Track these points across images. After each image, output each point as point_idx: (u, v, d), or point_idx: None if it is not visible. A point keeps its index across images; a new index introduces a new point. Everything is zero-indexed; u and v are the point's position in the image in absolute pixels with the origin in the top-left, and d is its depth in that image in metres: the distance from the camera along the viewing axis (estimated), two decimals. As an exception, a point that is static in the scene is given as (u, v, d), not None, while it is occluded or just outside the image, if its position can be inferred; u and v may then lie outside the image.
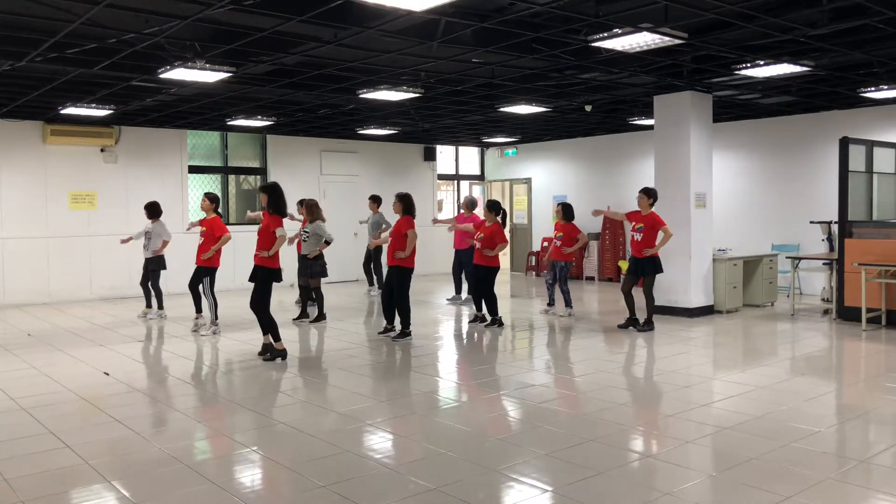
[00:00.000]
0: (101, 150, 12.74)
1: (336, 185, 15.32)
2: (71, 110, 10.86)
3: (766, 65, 8.18)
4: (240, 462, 4.59)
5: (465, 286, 11.55)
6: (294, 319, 9.96)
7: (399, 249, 8.39)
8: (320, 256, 9.82)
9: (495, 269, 9.39)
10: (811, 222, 11.67)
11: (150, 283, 10.33)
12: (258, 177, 14.79)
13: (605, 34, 6.73)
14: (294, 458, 4.60)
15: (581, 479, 4.11)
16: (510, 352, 8.41)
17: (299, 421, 5.41)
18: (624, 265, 14.37)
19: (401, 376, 7.03)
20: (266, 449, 4.78)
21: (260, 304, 7.37)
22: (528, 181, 17.17)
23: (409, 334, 8.54)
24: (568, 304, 10.23)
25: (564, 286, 10.26)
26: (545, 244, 16.19)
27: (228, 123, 12.73)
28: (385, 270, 9.57)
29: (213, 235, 8.82)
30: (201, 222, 9.10)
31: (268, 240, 7.37)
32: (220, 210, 9.26)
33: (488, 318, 9.49)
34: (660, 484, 4.12)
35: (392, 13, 6.13)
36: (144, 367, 7.45)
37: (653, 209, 9.03)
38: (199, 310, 9.31)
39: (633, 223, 9.10)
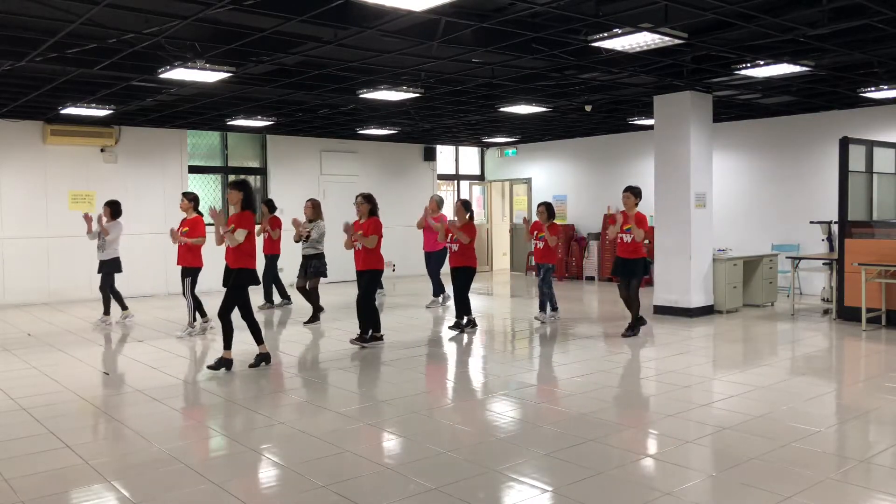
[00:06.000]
0: (101, 150, 12.74)
1: (336, 185, 15.32)
2: (71, 110, 10.86)
3: (766, 65, 8.18)
4: (239, 462, 4.58)
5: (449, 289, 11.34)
6: (305, 323, 9.72)
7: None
8: (320, 256, 9.71)
9: (471, 269, 9.04)
10: (811, 222, 11.68)
11: (107, 288, 9.64)
12: (258, 176, 14.79)
13: (605, 34, 6.73)
14: (294, 458, 4.60)
15: (581, 479, 4.11)
16: (510, 352, 8.41)
17: (299, 421, 5.41)
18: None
19: (400, 377, 7.02)
20: (266, 449, 4.78)
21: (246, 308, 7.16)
22: (528, 181, 17.17)
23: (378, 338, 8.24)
24: (548, 307, 9.72)
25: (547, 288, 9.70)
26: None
27: (228, 123, 12.73)
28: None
29: (194, 236, 8.69)
30: (182, 223, 8.83)
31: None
32: (199, 209, 8.94)
33: (463, 321, 9.09)
34: (659, 484, 4.11)
35: (392, 13, 6.14)
36: (144, 368, 7.44)
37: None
38: (203, 313, 9.07)
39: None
